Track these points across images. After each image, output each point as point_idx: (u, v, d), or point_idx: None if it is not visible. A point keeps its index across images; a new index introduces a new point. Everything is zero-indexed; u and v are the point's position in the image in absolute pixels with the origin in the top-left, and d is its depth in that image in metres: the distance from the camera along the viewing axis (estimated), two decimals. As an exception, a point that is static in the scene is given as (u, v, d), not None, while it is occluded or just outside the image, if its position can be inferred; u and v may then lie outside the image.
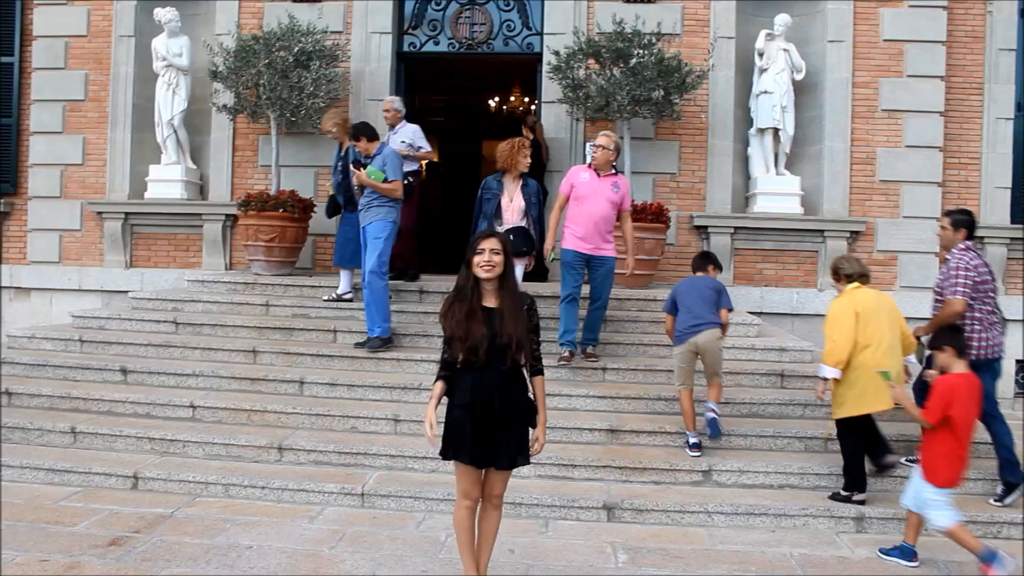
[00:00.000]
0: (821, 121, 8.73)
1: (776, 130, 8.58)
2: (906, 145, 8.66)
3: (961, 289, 5.22)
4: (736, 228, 8.56)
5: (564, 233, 6.42)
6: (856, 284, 5.28)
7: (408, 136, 8.09)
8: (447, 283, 8.19)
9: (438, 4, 9.30)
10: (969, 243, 5.44)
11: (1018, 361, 8.75)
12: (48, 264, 9.44)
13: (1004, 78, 8.82)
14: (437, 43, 9.31)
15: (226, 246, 9.15)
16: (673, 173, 8.77)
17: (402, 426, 5.88)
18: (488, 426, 3.49)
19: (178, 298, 7.85)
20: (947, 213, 5.70)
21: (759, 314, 8.18)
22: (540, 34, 9.04)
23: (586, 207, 6.28)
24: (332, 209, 7.85)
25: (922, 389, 5.27)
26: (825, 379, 5.22)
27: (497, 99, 13.32)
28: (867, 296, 5.21)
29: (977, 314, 5.30)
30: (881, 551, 4.60)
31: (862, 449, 5.25)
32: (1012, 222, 8.76)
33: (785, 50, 8.53)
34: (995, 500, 5.26)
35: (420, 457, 5.46)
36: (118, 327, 7.56)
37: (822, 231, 8.57)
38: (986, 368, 5.25)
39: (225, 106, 8.74)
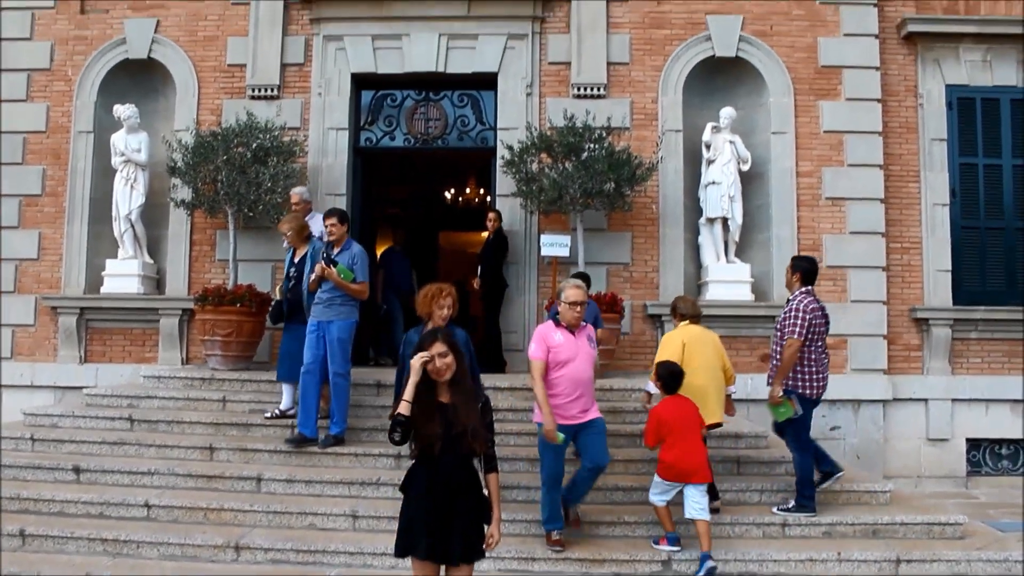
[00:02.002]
0: (768, 209, 9.02)
1: (725, 219, 8.83)
2: (850, 231, 8.96)
3: (799, 329, 5.85)
4: (689, 315, 8.71)
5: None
6: (687, 321, 6.28)
7: (317, 227, 7.88)
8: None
9: (394, 100, 9.56)
10: (808, 288, 6.08)
11: (968, 440, 8.94)
12: (2, 361, 9.28)
13: (938, 166, 9.22)
14: (393, 138, 9.53)
15: (183, 341, 9.09)
16: (626, 263, 8.95)
17: (361, 522, 5.83)
18: (443, 519, 3.54)
19: (133, 394, 7.74)
20: (791, 259, 6.38)
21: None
22: (494, 129, 9.31)
23: (569, 371, 5.36)
24: (277, 315, 7.48)
25: (780, 430, 6.13)
26: (650, 393, 6.18)
27: (453, 191, 13.62)
28: (694, 330, 6.20)
29: (813, 355, 5.96)
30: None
31: None
32: (954, 304, 9.02)
33: (731, 142, 8.85)
34: (778, 508, 6.03)
35: (379, 554, 5.38)
36: (71, 424, 7.39)
37: (773, 316, 8.69)
38: (813, 404, 6.05)
39: (183, 201, 8.80)
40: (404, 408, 3.54)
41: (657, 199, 8.95)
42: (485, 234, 9.12)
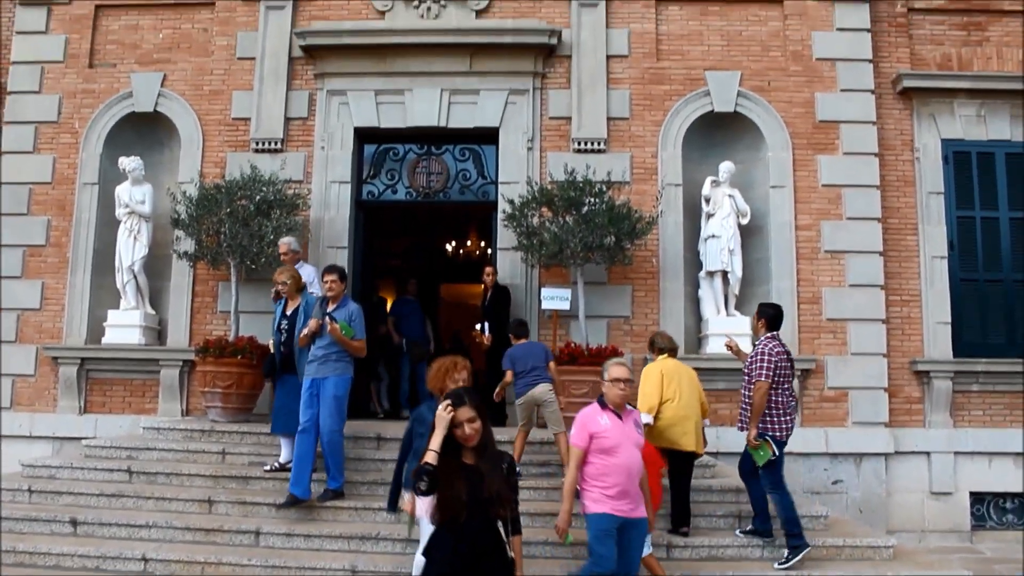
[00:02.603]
0: (768, 262, 9.07)
1: (725, 272, 8.88)
2: (849, 284, 8.98)
3: (765, 372, 6.14)
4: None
5: (587, 494, 4.94)
6: (665, 355, 6.66)
7: (306, 277, 7.99)
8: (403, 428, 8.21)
9: (396, 154, 9.67)
10: (774, 333, 6.42)
11: (972, 493, 8.88)
12: (1, 410, 9.25)
13: (936, 219, 9.28)
14: (395, 191, 9.63)
15: (183, 392, 9.08)
16: (627, 316, 8.96)
17: (361, 577, 5.75)
18: None
19: (132, 445, 7.72)
20: (758, 306, 6.71)
21: (715, 454, 8.23)
22: (495, 183, 9.39)
23: (617, 459, 4.87)
24: (270, 369, 7.44)
25: (746, 472, 6.37)
26: (646, 426, 6.13)
27: (454, 243, 13.70)
28: (671, 364, 6.61)
29: (780, 398, 6.22)
30: None
31: (686, 488, 6.40)
32: (955, 356, 9.01)
33: (730, 196, 8.94)
34: (740, 532, 6.35)
35: (380, 611, 5.36)
36: (69, 476, 7.35)
37: (775, 370, 8.74)
38: (782, 445, 6.22)
39: (186, 253, 8.86)
40: (431, 458, 3.50)
41: (657, 252, 9.00)
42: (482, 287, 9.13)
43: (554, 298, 8.46)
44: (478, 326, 8.61)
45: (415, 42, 9.29)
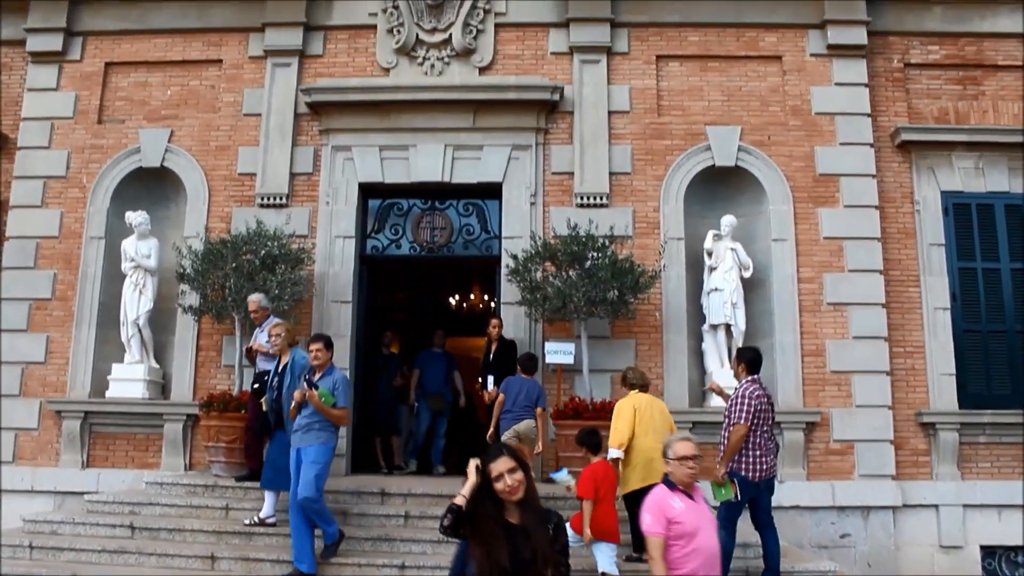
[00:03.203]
0: (771, 315, 9.08)
1: (728, 326, 8.89)
2: (853, 336, 8.97)
3: (744, 415, 6.31)
4: (694, 423, 8.66)
5: None
6: (636, 390, 6.86)
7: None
8: (410, 483, 8.18)
9: (400, 209, 9.74)
10: (755, 376, 6.59)
11: (983, 547, 8.77)
12: (2, 464, 9.19)
13: (937, 270, 9.30)
14: (399, 246, 9.68)
15: (186, 446, 9.04)
16: (631, 370, 8.96)
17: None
18: None
19: (135, 500, 7.68)
20: (737, 350, 7.03)
21: (725, 509, 8.19)
22: (498, 237, 9.45)
23: (698, 545, 4.39)
24: (264, 428, 7.45)
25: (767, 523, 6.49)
26: (614, 459, 6.53)
27: (458, 297, 13.73)
28: (643, 398, 6.83)
29: (759, 440, 6.39)
30: None
31: None
32: (960, 407, 8.97)
33: (732, 249, 8.98)
34: None
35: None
36: (71, 531, 7.30)
37: (779, 423, 8.64)
38: (765, 486, 6.45)
39: (191, 307, 8.89)
40: (460, 500, 3.35)
41: (660, 306, 9.02)
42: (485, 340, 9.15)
43: (558, 352, 8.48)
44: (481, 379, 8.62)
45: (419, 99, 9.43)
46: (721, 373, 8.82)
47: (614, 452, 6.54)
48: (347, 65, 9.76)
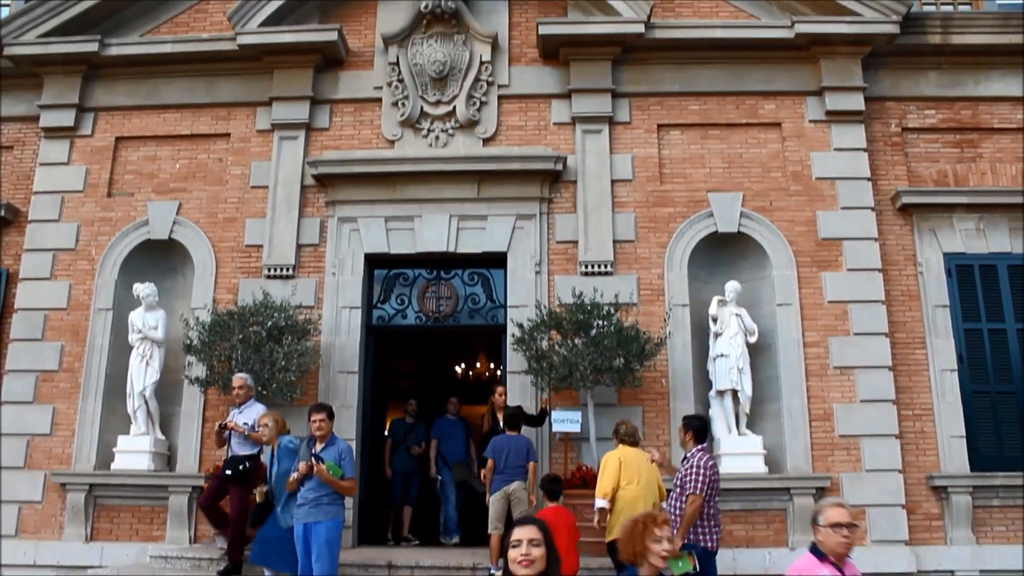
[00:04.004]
0: (777, 380, 9.06)
1: (735, 391, 8.86)
2: (860, 400, 8.93)
3: (700, 485, 6.38)
4: (705, 490, 8.61)
5: None
6: (625, 444, 7.17)
7: (252, 417, 7.96)
8: (417, 556, 8.10)
9: (406, 279, 9.80)
10: (703, 446, 6.70)
11: (996, 616, 8.63)
12: (3, 539, 9.12)
13: (943, 332, 9.29)
14: (405, 316, 9.71)
15: (191, 519, 8.94)
16: (638, 437, 8.92)
17: None
18: None
19: (139, 575, 7.60)
20: (683, 418, 7.10)
21: (731, 579, 8.10)
22: (504, 306, 9.48)
23: None
24: (257, 519, 7.42)
25: None
26: (600, 509, 6.89)
27: (464, 365, 13.76)
28: (629, 451, 7.15)
29: (712, 510, 6.49)
30: None
31: None
32: (972, 470, 8.88)
33: (737, 314, 8.99)
34: None
35: None
36: (73, 610, 7.28)
37: (788, 489, 8.65)
38: (713, 555, 6.50)
39: (197, 378, 8.91)
40: None
41: (667, 373, 9.00)
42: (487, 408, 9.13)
43: (565, 421, 8.45)
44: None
45: (424, 170, 9.55)
46: (729, 440, 8.80)
47: (600, 502, 6.87)
48: (353, 138, 9.92)
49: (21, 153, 10.46)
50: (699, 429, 6.81)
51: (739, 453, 8.74)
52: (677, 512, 6.45)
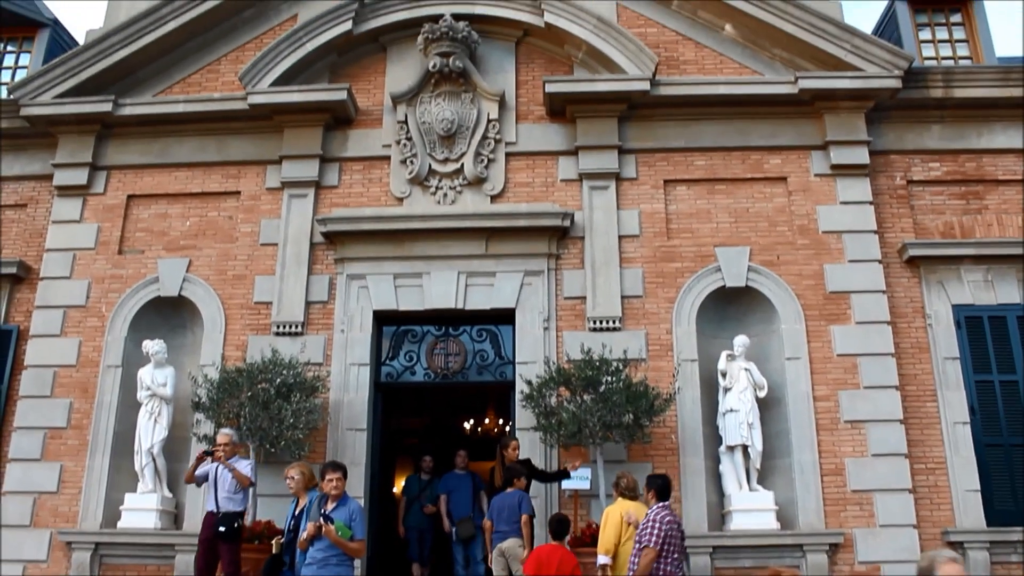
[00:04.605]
0: (788, 435, 8.98)
1: (745, 446, 8.79)
2: (872, 454, 8.84)
3: (654, 539, 6.45)
4: (715, 547, 8.50)
5: None
6: (626, 498, 7.27)
7: (242, 471, 7.86)
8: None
9: (414, 336, 9.82)
10: (665, 503, 6.81)
11: None
12: (8, 599, 9.09)
13: (954, 384, 9.24)
14: (413, 373, 9.72)
15: (198, 579, 8.89)
16: (649, 494, 8.84)
17: None
18: None
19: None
20: (647, 477, 7.24)
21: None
22: (512, 363, 9.47)
23: None
24: (272, 570, 7.30)
25: None
26: (602, 565, 6.96)
27: (472, 421, 13.75)
28: (630, 505, 7.21)
29: (669, 567, 6.51)
30: None
31: None
32: (988, 525, 8.76)
33: (746, 369, 8.95)
34: None
35: None
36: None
37: (800, 545, 8.53)
38: None
39: (206, 436, 8.86)
40: None
41: (676, 429, 8.95)
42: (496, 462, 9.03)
43: (575, 478, 8.39)
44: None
45: (432, 227, 9.62)
46: (740, 496, 8.72)
47: (602, 558, 6.93)
48: (362, 195, 10.03)
49: (35, 211, 10.59)
50: (661, 487, 6.91)
51: (750, 509, 8.64)
52: (633, 570, 6.54)
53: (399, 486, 10.57)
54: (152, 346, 9.30)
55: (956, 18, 11.22)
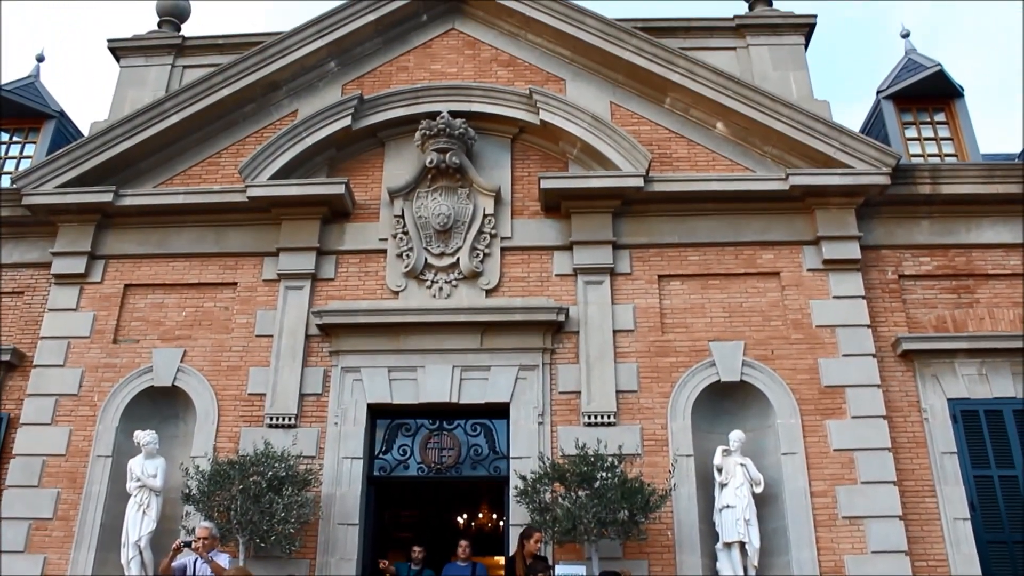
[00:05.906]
0: (785, 531, 8.86)
1: (743, 543, 8.64)
2: (872, 551, 8.71)
3: None
4: (713, 649, 8.33)
5: None
6: None
7: (225, 564, 7.80)
8: None
9: (408, 429, 9.76)
10: None
11: None
12: None
13: (952, 479, 9.16)
14: (407, 467, 9.61)
15: None
16: (645, 595, 8.67)
17: None
18: None
19: None
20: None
21: None
22: (506, 457, 9.39)
23: None
24: None
25: None
26: None
27: (466, 516, 13.55)
28: None
29: None
30: None
31: None
32: (994, 624, 8.62)
33: (742, 464, 8.86)
34: None
35: None
36: None
37: (800, 648, 8.36)
38: None
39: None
40: None
41: (672, 525, 8.82)
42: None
43: (569, 574, 8.24)
44: None
45: (427, 321, 9.66)
46: (738, 596, 8.54)
47: None
48: (358, 288, 10.09)
49: (31, 299, 10.62)
50: None
51: (745, 610, 8.47)
52: None
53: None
54: (143, 436, 9.18)
55: (940, 116, 11.54)
